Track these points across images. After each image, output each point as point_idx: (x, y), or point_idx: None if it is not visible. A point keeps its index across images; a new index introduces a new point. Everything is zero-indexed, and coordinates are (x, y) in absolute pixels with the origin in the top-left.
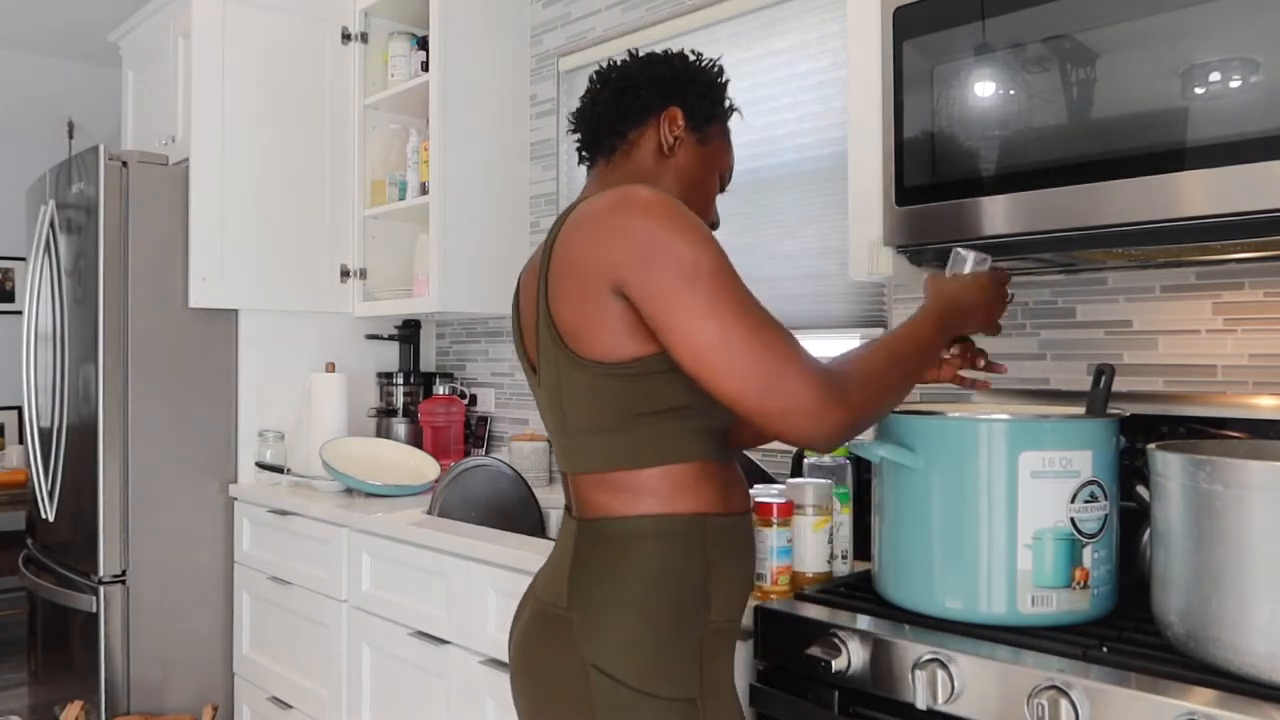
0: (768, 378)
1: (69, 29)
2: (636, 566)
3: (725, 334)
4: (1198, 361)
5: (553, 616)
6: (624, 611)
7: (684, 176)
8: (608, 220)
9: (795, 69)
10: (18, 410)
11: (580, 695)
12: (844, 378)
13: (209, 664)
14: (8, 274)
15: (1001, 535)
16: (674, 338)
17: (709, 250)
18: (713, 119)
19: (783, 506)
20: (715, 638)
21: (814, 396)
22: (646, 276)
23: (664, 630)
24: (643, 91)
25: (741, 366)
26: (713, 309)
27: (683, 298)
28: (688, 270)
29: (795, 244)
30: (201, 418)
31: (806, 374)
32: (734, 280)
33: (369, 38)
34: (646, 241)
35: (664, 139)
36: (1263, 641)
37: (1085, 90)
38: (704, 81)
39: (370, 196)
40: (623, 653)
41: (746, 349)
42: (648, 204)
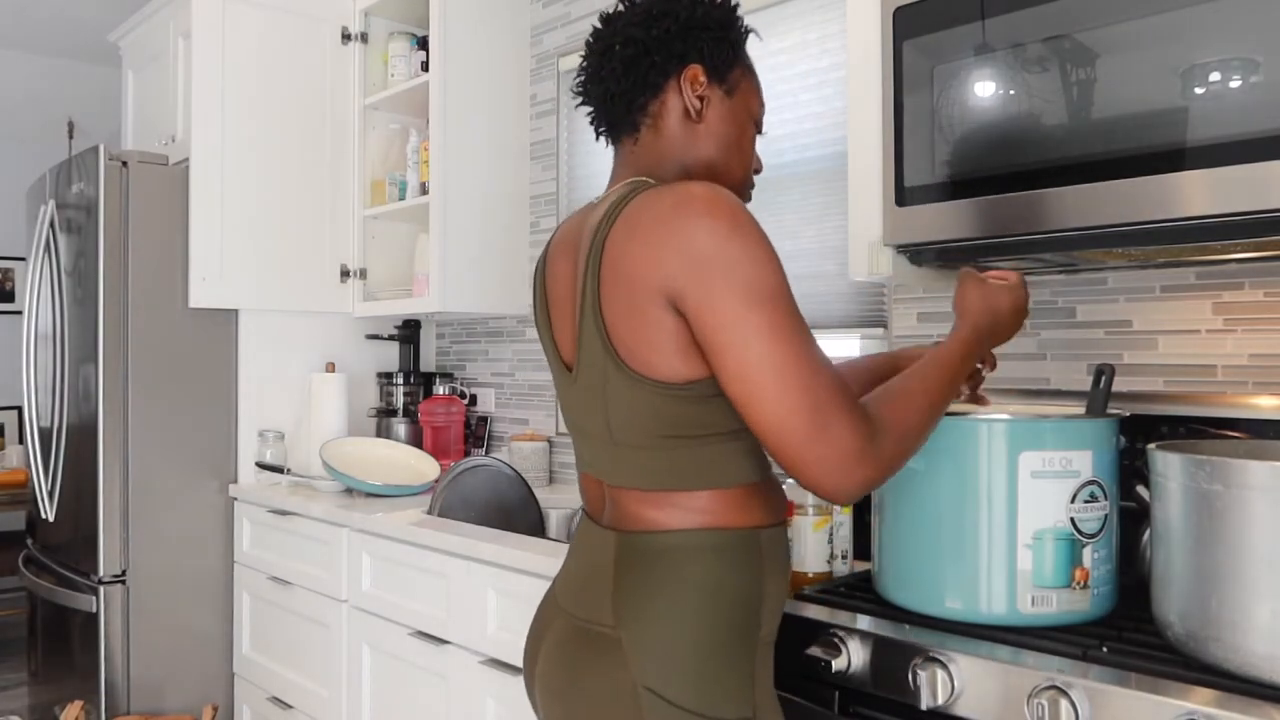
0: (811, 426)
1: (69, 29)
2: (690, 581)
3: (779, 366)
4: (1198, 361)
5: (595, 636)
6: (678, 630)
7: (719, 137)
8: (666, 226)
9: (795, 69)
10: (18, 410)
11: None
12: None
13: (209, 664)
14: (8, 274)
15: (1001, 535)
16: (726, 361)
17: (773, 270)
18: (734, 63)
19: None
20: (764, 653)
21: (851, 448)
22: (706, 294)
23: (719, 648)
24: (655, 56)
25: (789, 405)
26: (771, 335)
27: (743, 321)
28: (752, 293)
29: (795, 244)
30: (201, 418)
31: (849, 423)
32: (793, 307)
33: (369, 38)
34: (709, 255)
35: (689, 103)
36: (1263, 641)
37: (1085, 90)
38: (717, 22)
39: (370, 196)
40: (677, 673)
41: (796, 388)
42: (710, 211)
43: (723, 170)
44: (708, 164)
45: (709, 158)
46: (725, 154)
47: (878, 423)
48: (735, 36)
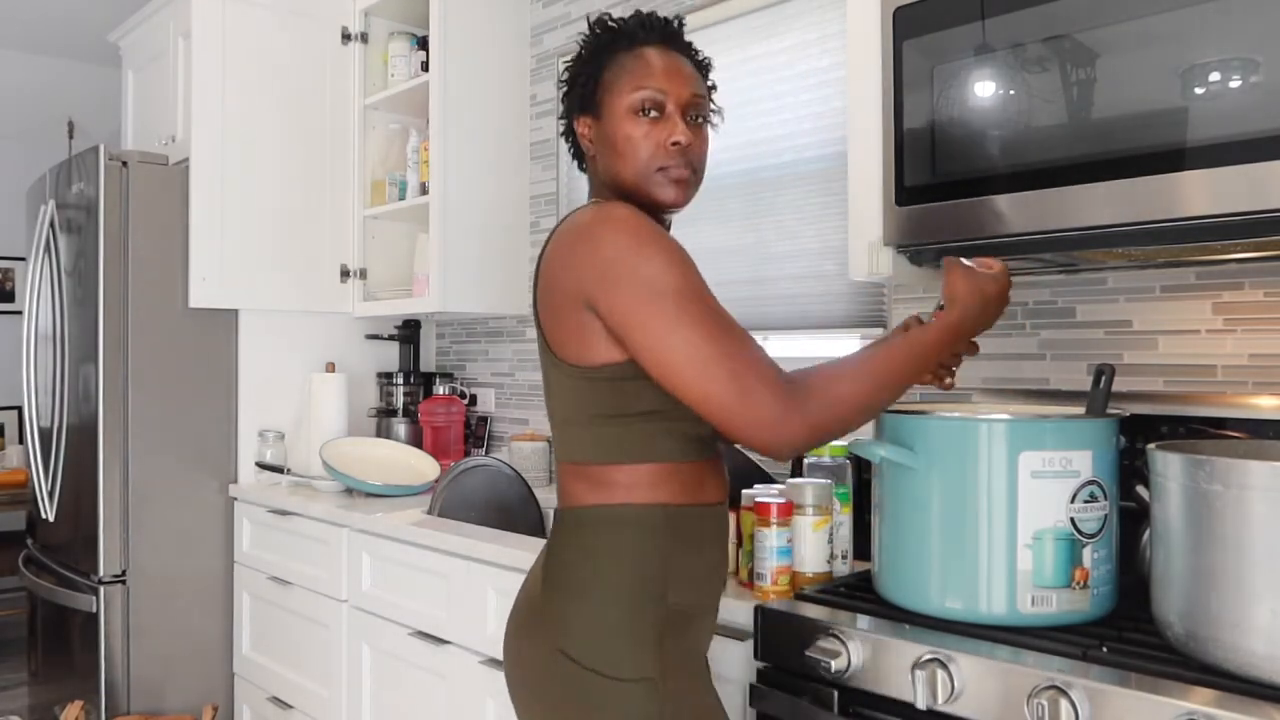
0: (731, 393)
1: (69, 29)
2: (599, 550)
3: (689, 351)
4: (1198, 361)
5: (532, 605)
6: (586, 597)
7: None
8: (582, 239)
9: (795, 69)
10: (18, 410)
11: (551, 680)
12: (808, 390)
13: (209, 664)
14: (8, 274)
15: (1001, 535)
16: (642, 355)
17: (674, 268)
18: (595, 89)
19: (783, 506)
20: (676, 620)
21: (773, 409)
22: (613, 296)
23: (622, 614)
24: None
25: (706, 382)
26: (676, 326)
27: (648, 316)
28: (652, 290)
29: (795, 244)
30: (201, 418)
31: (768, 387)
32: (698, 296)
33: (369, 38)
34: (613, 262)
35: (587, 149)
36: (1263, 641)
37: (1085, 90)
38: (578, 73)
39: (370, 196)
40: (585, 637)
41: (710, 365)
42: (617, 226)
43: (619, 181)
44: (613, 178)
45: (612, 173)
46: (614, 168)
47: (804, 386)
48: (594, 69)
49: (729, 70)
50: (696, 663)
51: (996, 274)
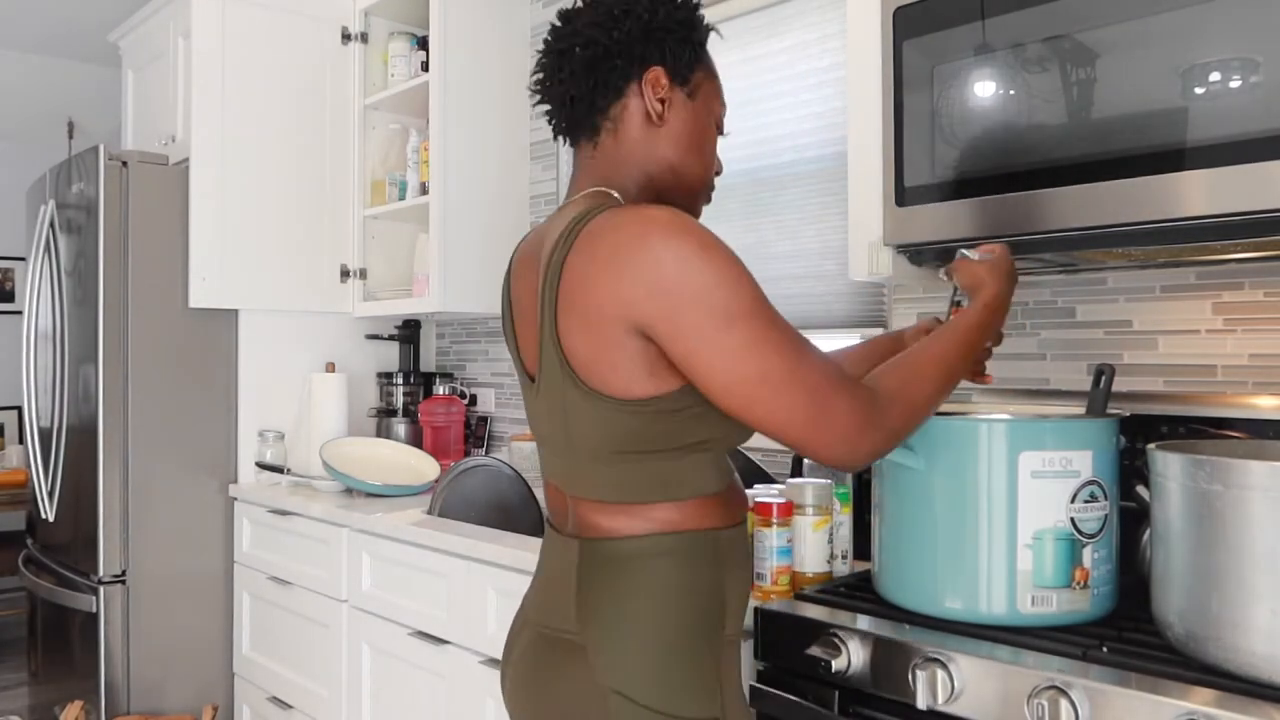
0: (812, 413)
1: (69, 29)
2: (651, 584)
3: (766, 374)
4: (1198, 361)
5: (561, 642)
6: (641, 632)
7: (681, 141)
8: (627, 255)
9: (795, 69)
10: (18, 410)
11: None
12: (888, 399)
13: (209, 664)
14: (8, 274)
15: (1001, 535)
16: (712, 383)
17: (742, 286)
18: (696, 65)
19: (783, 506)
20: (729, 651)
21: (854, 422)
22: (676, 320)
23: (682, 649)
24: (617, 59)
25: (786, 408)
26: (752, 349)
27: (719, 341)
28: (722, 314)
29: (795, 244)
30: (201, 418)
31: (847, 402)
32: (767, 313)
33: (369, 38)
34: (675, 282)
35: (651, 106)
36: (1263, 641)
37: (1085, 90)
38: (680, 23)
39: (370, 196)
40: (643, 675)
41: (789, 387)
42: (677, 235)
43: (684, 173)
44: (669, 167)
45: (671, 161)
46: (687, 157)
47: (879, 394)
48: (698, 37)
49: (729, 70)
50: (742, 694)
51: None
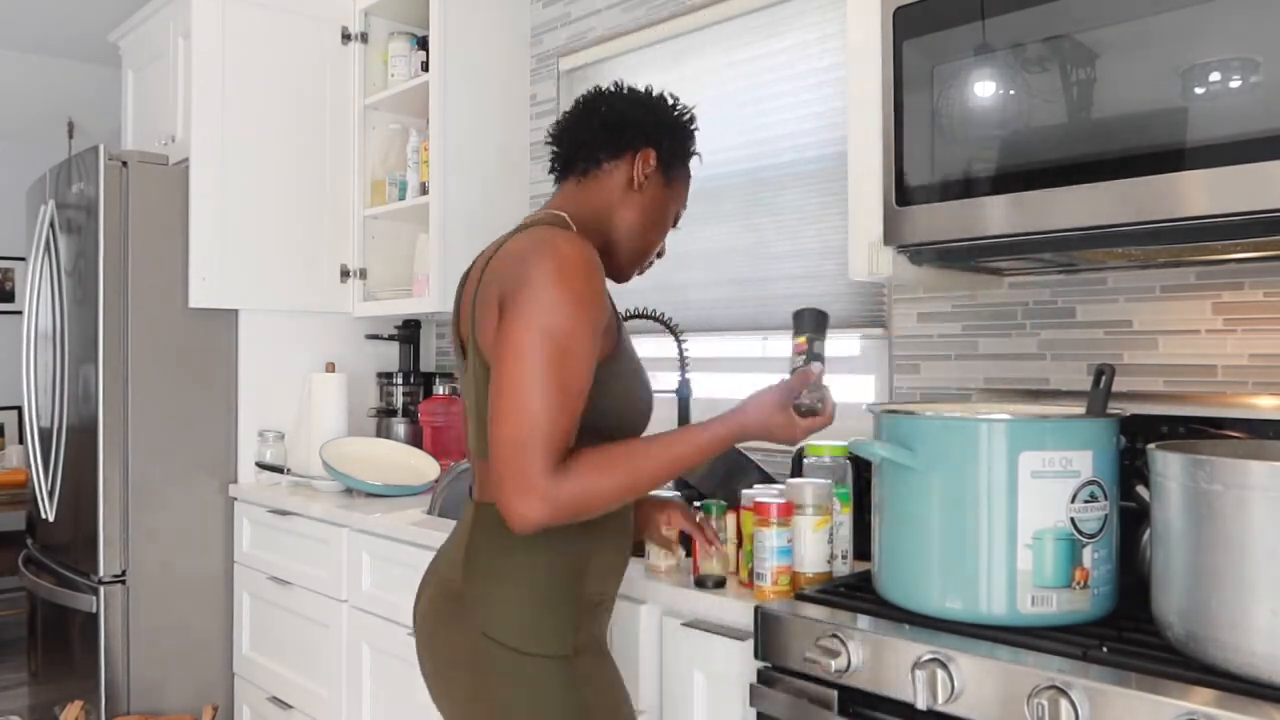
0: (514, 448)
1: (69, 29)
2: (523, 546)
3: (516, 391)
4: (1198, 361)
5: (451, 592)
6: (510, 586)
7: (646, 211)
8: (522, 257)
9: (795, 69)
10: (18, 410)
11: (476, 662)
12: (571, 480)
13: (209, 664)
14: (8, 274)
15: (1001, 535)
16: (495, 363)
17: (564, 317)
18: (682, 165)
19: (782, 506)
20: (588, 608)
21: (528, 479)
22: (508, 312)
23: (542, 601)
24: (628, 130)
25: (509, 425)
26: (527, 365)
27: (513, 341)
28: (531, 321)
29: (795, 244)
30: (201, 418)
31: (538, 460)
32: (562, 350)
33: (369, 38)
34: (527, 284)
35: (636, 175)
36: (1263, 641)
37: (1085, 90)
38: (680, 128)
39: (370, 196)
40: (508, 621)
41: (520, 413)
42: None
43: (636, 236)
44: (627, 227)
45: (630, 223)
46: (644, 225)
47: (572, 476)
48: (689, 145)
49: (729, 70)
50: (601, 645)
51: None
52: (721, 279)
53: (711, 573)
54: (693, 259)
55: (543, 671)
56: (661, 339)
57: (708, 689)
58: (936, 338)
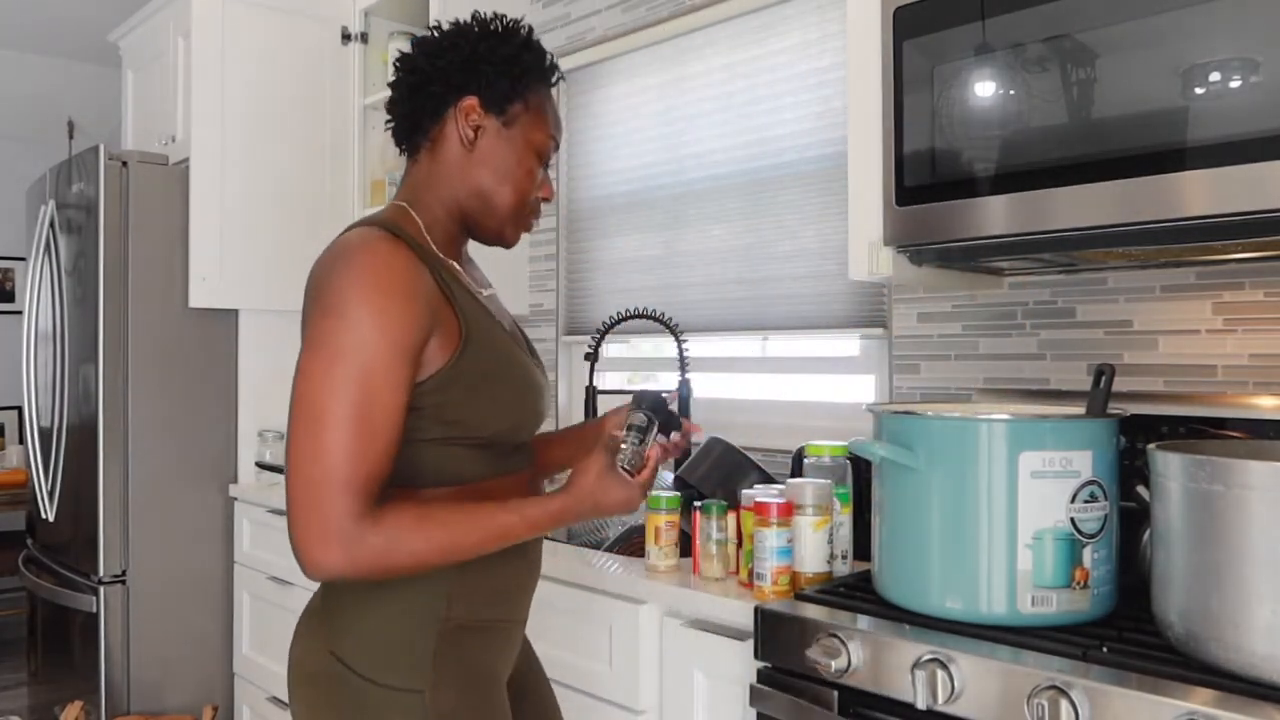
0: (309, 490)
1: (69, 29)
2: None
3: (311, 422)
4: (1198, 361)
5: (311, 608)
6: (361, 605)
7: (491, 166)
8: (325, 265)
9: (795, 69)
10: (18, 410)
11: (323, 681)
12: (375, 531)
13: (209, 664)
14: (8, 274)
15: (1001, 535)
16: (292, 392)
17: (361, 333)
18: (514, 97)
19: (782, 506)
20: (457, 635)
21: (327, 526)
22: (306, 325)
23: (396, 625)
24: (434, 86)
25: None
26: (322, 390)
27: (306, 360)
28: (326, 339)
29: (795, 244)
30: (201, 418)
31: (339, 505)
32: (360, 369)
33: (369, 38)
34: (321, 296)
35: (462, 132)
36: (1263, 641)
37: (1085, 90)
38: (500, 59)
39: (370, 196)
40: (356, 643)
41: (316, 450)
42: (354, 265)
43: (493, 200)
44: (477, 191)
45: (479, 185)
46: (496, 182)
47: (380, 527)
48: (518, 70)
49: (729, 70)
50: (480, 681)
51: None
52: (721, 279)
53: (712, 574)
54: (693, 259)
55: (390, 704)
56: (661, 339)
57: (708, 689)
58: (936, 338)
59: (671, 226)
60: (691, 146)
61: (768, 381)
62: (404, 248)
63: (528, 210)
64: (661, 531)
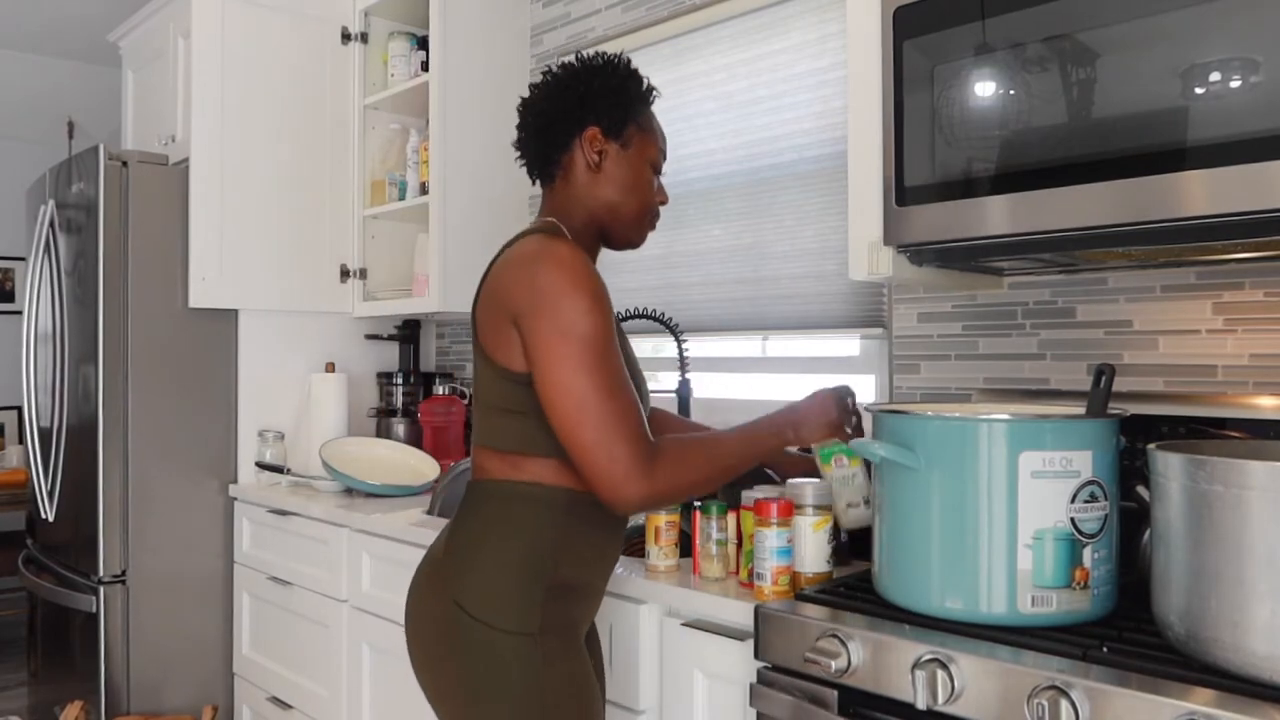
0: (593, 442)
1: (69, 29)
2: (501, 521)
3: (574, 394)
4: (1198, 361)
5: (434, 560)
6: (485, 559)
7: (617, 182)
8: (525, 266)
9: (795, 69)
10: (18, 410)
11: (446, 628)
12: (663, 458)
13: (209, 664)
14: (8, 274)
15: (1001, 535)
16: (538, 381)
17: (590, 316)
18: (628, 122)
19: (783, 506)
20: (560, 590)
21: (624, 467)
22: (533, 324)
23: (512, 577)
24: (559, 125)
25: (576, 426)
26: (571, 370)
27: (552, 352)
28: (564, 331)
29: (795, 244)
30: (201, 418)
31: (627, 447)
32: (600, 349)
33: (369, 38)
34: (542, 295)
35: (589, 158)
36: (1263, 641)
37: (1085, 90)
38: (611, 90)
39: (370, 196)
40: (478, 592)
41: (584, 412)
42: (557, 263)
43: (621, 210)
44: (607, 205)
45: (608, 200)
46: (623, 196)
47: (661, 456)
48: (626, 99)
49: (729, 70)
50: (572, 631)
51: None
52: (721, 279)
53: (712, 574)
54: (693, 259)
55: (506, 645)
56: (661, 339)
57: (708, 689)
58: (936, 338)
59: (671, 226)
60: (691, 146)
61: (768, 382)
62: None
63: (651, 214)
64: (661, 532)
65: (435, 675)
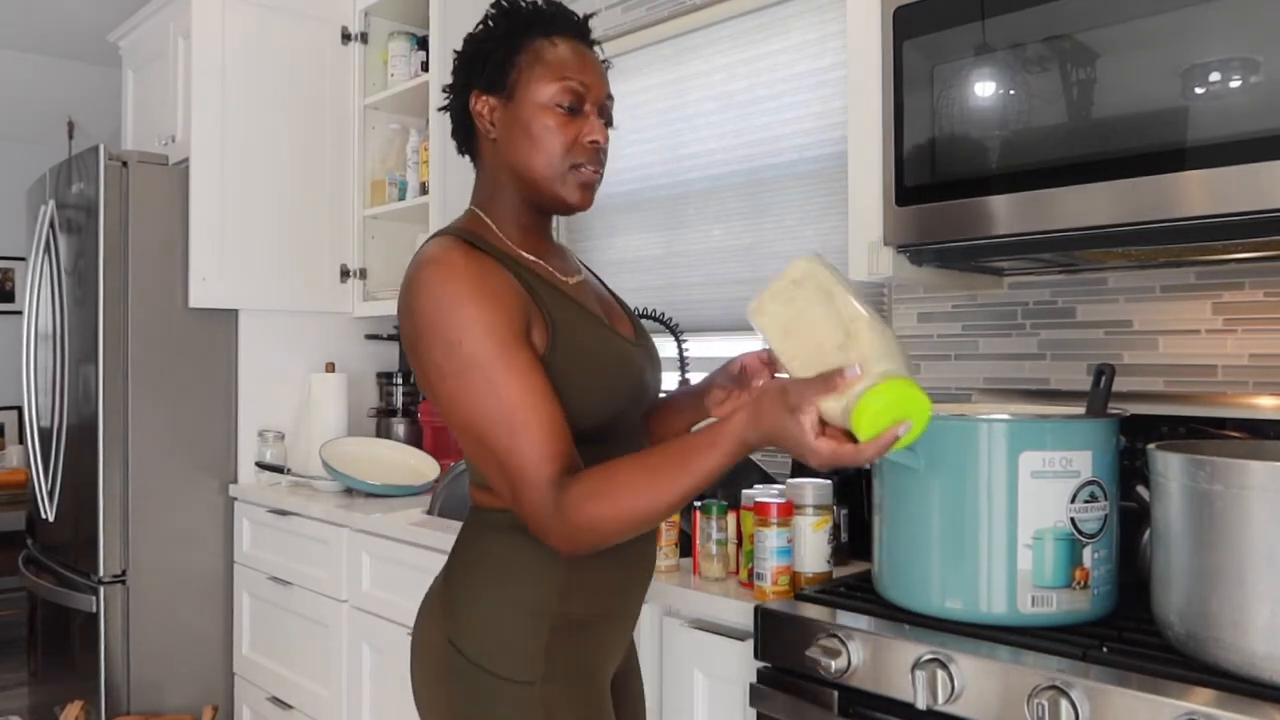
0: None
1: (69, 29)
2: (496, 554)
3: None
4: (1198, 361)
5: (434, 589)
6: (480, 594)
7: (516, 144)
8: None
9: (795, 69)
10: (18, 410)
11: (440, 669)
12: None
13: (209, 664)
14: (8, 274)
15: (1001, 535)
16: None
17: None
18: (508, 67)
19: (782, 506)
20: (565, 627)
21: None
22: (415, 364)
23: (510, 617)
24: (453, 104)
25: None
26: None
27: (436, 393)
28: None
29: (795, 244)
30: (201, 418)
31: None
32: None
33: (369, 38)
34: (418, 333)
35: (483, 128)
36: (1263, 641)
37: (1085, 90)
38: (478, 44)
39: (370, 196)
40: (472, 631)
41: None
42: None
43: (531, 172)
44: (515, 173)
45: (514, 166)
46: (523, 155)
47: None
48: (506, 42)
49: (729, 70)
50: (584, 677)
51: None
52: (721, 279)
53: (712, 574)
54: (693, 259)
55: (505, 695)
56: (661, 339)
57: (708, 689)
58: (936, 338)
59: (671, 226)
60: (691, 146)
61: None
62: (477, 254)
63: (567, 165)
64: (661, 532)
65: (428, 713)
